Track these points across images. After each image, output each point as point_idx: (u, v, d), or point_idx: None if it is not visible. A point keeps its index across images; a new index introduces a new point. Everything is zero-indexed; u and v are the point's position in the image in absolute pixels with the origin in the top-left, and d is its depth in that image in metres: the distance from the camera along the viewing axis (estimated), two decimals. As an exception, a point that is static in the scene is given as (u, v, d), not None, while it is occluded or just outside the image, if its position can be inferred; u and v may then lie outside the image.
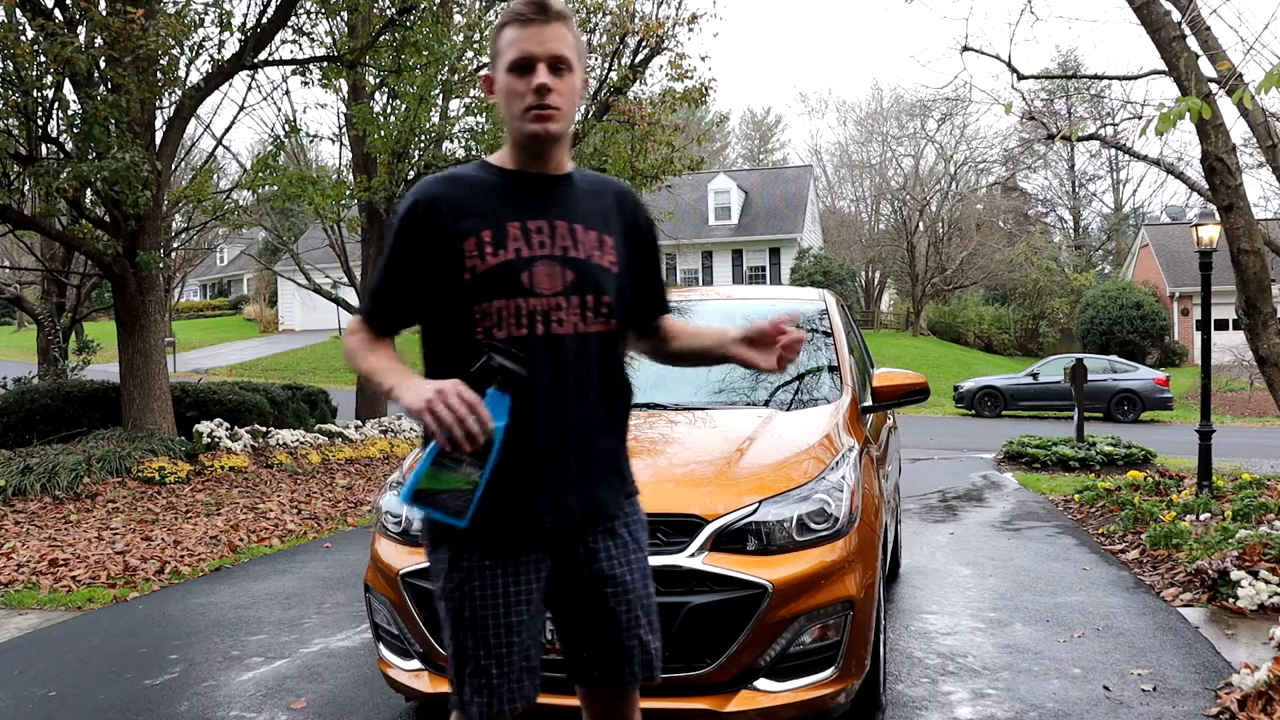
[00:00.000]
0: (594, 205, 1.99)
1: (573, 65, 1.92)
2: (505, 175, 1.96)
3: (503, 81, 1.91)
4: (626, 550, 1.99)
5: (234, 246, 44.68)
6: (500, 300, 1.86)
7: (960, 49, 8.85)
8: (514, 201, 1.93)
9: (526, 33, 1.88)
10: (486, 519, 1.86)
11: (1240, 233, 7.19)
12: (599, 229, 1.97)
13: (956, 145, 39.80)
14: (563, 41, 1.90)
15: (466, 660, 1.89)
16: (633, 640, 1.97)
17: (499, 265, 1.87)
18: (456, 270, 1.88)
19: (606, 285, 1.94)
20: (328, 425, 12.91)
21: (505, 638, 1.88)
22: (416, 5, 10.86)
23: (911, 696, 3.71)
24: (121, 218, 9.95)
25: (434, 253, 1.89)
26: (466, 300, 1.88)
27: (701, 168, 16.49)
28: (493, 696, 1.88)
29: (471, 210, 1.90)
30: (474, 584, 1.88)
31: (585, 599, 1.96)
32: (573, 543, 1.95)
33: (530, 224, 1.91)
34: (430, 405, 1.68)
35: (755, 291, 5.44)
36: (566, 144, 1.99)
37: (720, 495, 3.02)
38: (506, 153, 1.98)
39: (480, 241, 1.88)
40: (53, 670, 4.18)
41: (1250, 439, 17.31)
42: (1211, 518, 6.66)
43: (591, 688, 2.03)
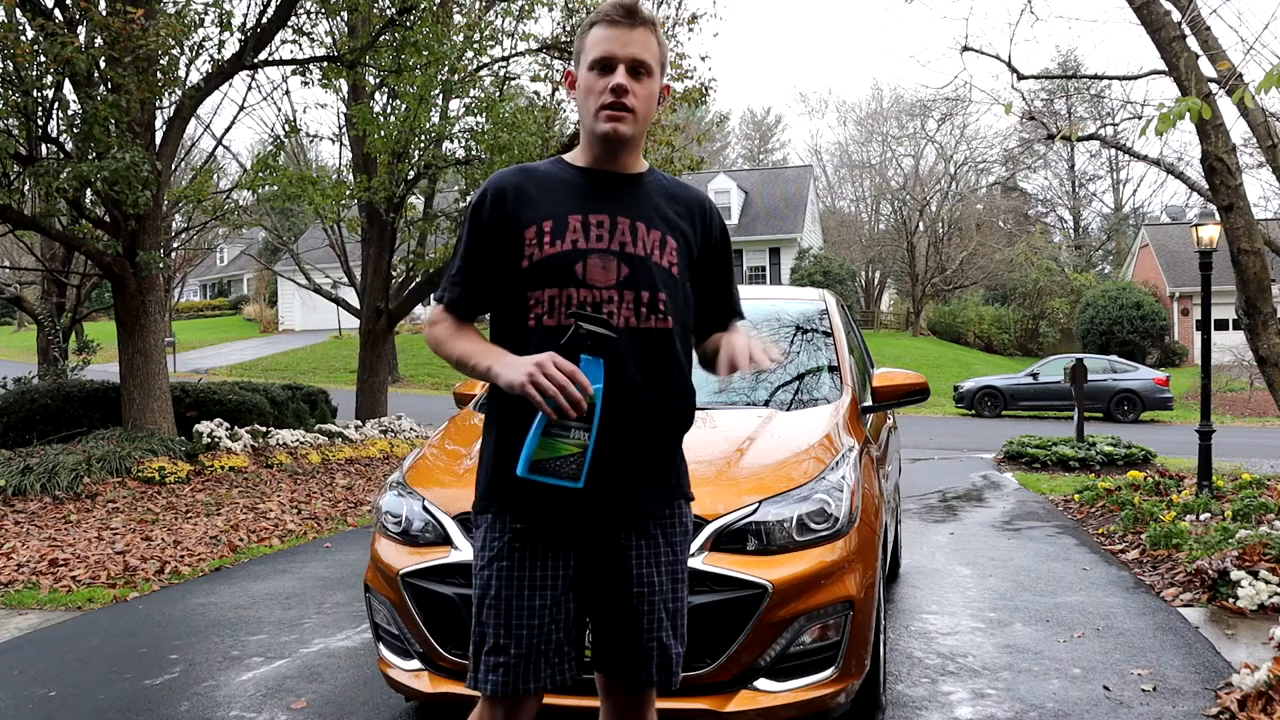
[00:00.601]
0: (665, 208, 2.03)
1: (653, 71, 1.97)
2: (576, 171, 2.02)
3: (583, 79, 1.97)
4: (657, 552, 2.00)
5: (234, 246, 44.70)
6: (552, 289, 1.92)
7: (960, 49, 8.85)
8: (579, 196, 1.98)
9: (612, 34, 1.94)
10: (520, 501, 1.92)
11: (1240, 233, 7.19)
12: (663, 230, 2.00)
13: (956, 145, 39.87)
14: (646, 47, 1.95)
15: (486, 637, 1.94)
16: (652, 642, 1.99)
17: (555, 255, 1.93)
18: (516, 257, 1.95)
19: (664, 284, 1.97)
20: (328, 425, 12.91)
21: (526, 620, 1.92)
22: (416, 5, 10.86)
23: (911, 696, 3.71)
24: (121, 218, 9.95)
25: (500, 240, 1.96)
26: (522, 287, 1.94)
27: (701, 168, 16.49)
28: (508, 675, 1.92)
29: (537, 201, 1.96)
30: (501, 564, 1.94)
31: (610, 596, 1.99)
32: (606, 537, 1.97)
33: (591, 218, 1.96)
34: (532, 378, 1.76)
35: (755, 291, 5.43)
36: (639, 146, 2.04)
37: (720, 495, 3.02)
38: (580, 149, 2.05)
39: (540, 231, 1.94)
40: (53, 670, 4.18)
41: (1250, 439, 17.31)
42: (1211, 518, 6.66)
43: (611, 681, 2.06)
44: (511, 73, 13.90)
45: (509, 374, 1.81)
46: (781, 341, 4.39)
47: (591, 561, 1.98)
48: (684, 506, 2.08)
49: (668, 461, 2.04)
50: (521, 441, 1.84)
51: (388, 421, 13.75)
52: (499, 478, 1.97)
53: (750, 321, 2.19)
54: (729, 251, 2.16)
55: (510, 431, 1.94)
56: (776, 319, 4.52)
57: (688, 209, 2.07)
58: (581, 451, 1.81)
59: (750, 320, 4.67)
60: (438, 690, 3.06)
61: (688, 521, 2.08)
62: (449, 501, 3.14)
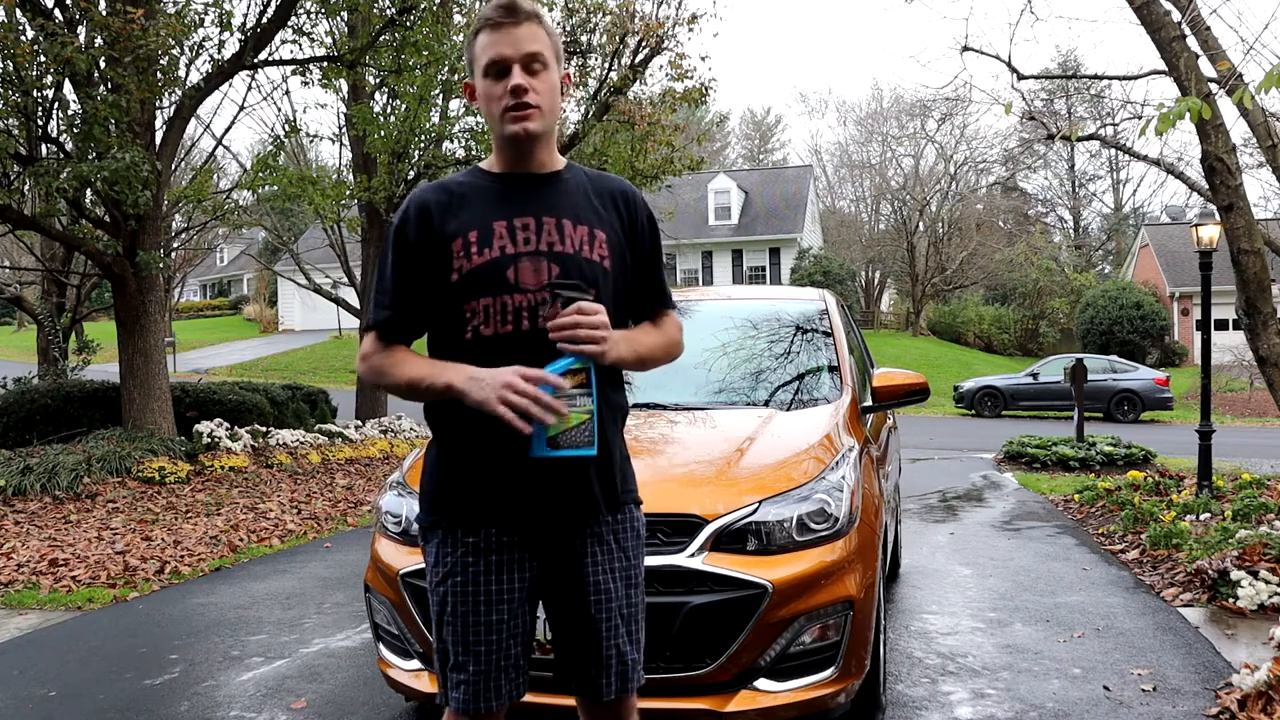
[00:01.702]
0: (588, 202, 2.00)
1: (548, 63, 1.93)
2: (493, 178, 2.00)
3: (481, 86, 1.94)
4: (612, 558, 1.98)
5: (234, 246, 44.69)
6: (486, 298, 1.89)
7: (960, 49, 8.85)
8: (501, 202, 1.95)
9: (498, 35, 1.90)
10: (470, 514, 1.91)
11: (1240, 233, 7.19)
12: (590, 224, 1.98)
13: (956, 145, 39.88)
14: (535, 40, 1.91)
15: (447, 654, 1.94)
16: (610, 650, 1.97)
17: (484, 264, 1.90)
18: (445, 271, 1.91)
19: (595, 279, 1.94)
20: (328, 425, 12.91)
21: (484, 635, 1.91)
22: (416, 5, 10.86)
23: (911, 696, 3.71)
24: (121, 218, 9.95)
25: (427, 255, 1.92)
26: (456, 300, 1.91)
27: (701, 168, 16.50)
28: (469, 692, 1.91)
29: (459, 213, 1.93)
30: (455, 579, 1.92)
31: (567, 604, 1.98)
32: (559, 545, 1.95)
33: (516, 221, 1.93)
34: (503, 400, 1.76)
35: (755, 291, 5.44)
36: (551, 141, 2.00)
37: (720, 495, 3.01)
38: (495, 157, 2.02)
39: (467, 242, 1.91)
40: (53, 670, 4.18)
41: (1250, 439, 17.31)
42: (1211, 518, 6.66)
43: (577, 694, 2.05)
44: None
45: (477, 392, 1.79)
46: (782, 341, 4.39)
47: (547, 572, 1.97)
48: (634, 510, 2.05)
49: (613, 463, 2.00)
50: (467, 450, 1.89)
51: (388, 421, 13.75)
52: (445, 491, 1.95)
53: (750, 322, 2.19)
54: (658, 239, 2.13)
55: (453, 442, 1.94)
56: (776, 319, 4.52)
57: (612, 199, 2.04)
58: (590, 417, 1.83)
59: (749, 320, 4.69)
60: (437, 690, 3.06)
61: (640, 526, 2.06)
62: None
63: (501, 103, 1.90)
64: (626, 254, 2.03)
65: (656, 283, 2.11)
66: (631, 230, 2.05)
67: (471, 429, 1.89)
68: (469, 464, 1.93)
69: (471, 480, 1.92)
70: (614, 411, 2.00)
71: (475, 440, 1.90)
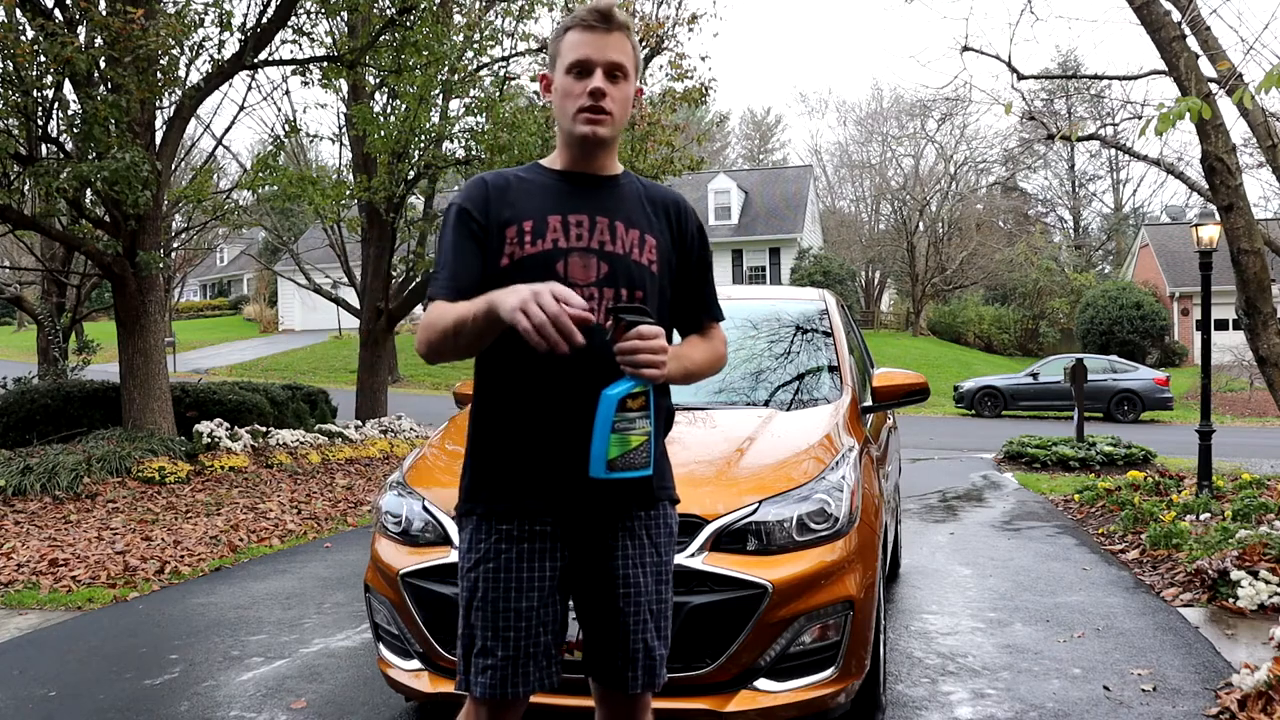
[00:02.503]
0: (641, 208, 2.06)
1: (629, 74, 1.99)
2: (554, 174, 2.04)
3: (560, 82, 1.98)
4: (643, 552, 2.01)
5: (234, 246, 44.71)
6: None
7: (960, 49, 8.85)
8: (558, 197, 2.00)
9: (588, 38, 1.95)
10: (505, 500, 1.94)
11: (1240, 233, 7.19)
12: (642, 228, 2.03)
13: (956, 145, 39.87)
14: (621, 50, 1.97)
15: (473, 640, 1.96)
16: (638, 644, 1.99)
17: (536, 254, 1.95)
18: (496, 256, 1.95)
19: (642, 282, 1.99)
20: (328, 425, 12.91)
21: (514, 621, 1.93)
22: (416, 5, 10.86)
23: (911, 696, 3.71)
24: (121, 218, 9.95)
25: (483, 238, 1.96)
26: (504, 285, 1.90)
27: (701, 168, 16.49)
28: (496, 677, 1.92)
29: (517, 202, 1.98)
30: (488, 565, 1.95)
31: (597, 596, 2.00)
32: (592, 537, 1.98)
33: (570, 217, 1.98)
34: (523, 307, 1.69)
35: (755, 291, 5.44)
36: (614, 147, 2.06)
37: (720, 495, 3.01)
38: (556, 153, 2.07)
39: (521, 230, 1.95)
40: (53, 670, 4.18)
41: (1250, 439, 17.31)
42: (1211, 518, 6.66)
43: (599, 686, 2.06)
44: (511, 73, 13.91)
45: (507, 303, 1.73)
46: (782, 341, 4.39)
47: (578, 563, 1.99)
48: (668, 508, 2.08)
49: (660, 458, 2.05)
50: (509, 437, 1.93)
51: (388, 421, 13.75)
52: (482, 478, 1.99)
53: (750, 322, 2.20)
54: (707, 251, 2.18)
55: (495, 428, 1.97)
56: (776, 319, 4.52)
57: (664, 208, 2.10)
58: (647, 439, 1.83)
59: (749, 320, 4.68)
60: (438, 690, 3.06)
61: (673, 523, 2.08)
62: (449, 501, 3.13)
63: (578, 102, 1.95)
64: (674, 261, 2.08)
65: (706, 294, 2.16)
66: (681, 240, 2.11)
67: (517, 415, 1.93)
68: (509, 451, 1.95)
69: (510, 467, 1.95)
70: (662, 415, 2.04)
71: (519, 426, 1.94)
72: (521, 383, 1.94)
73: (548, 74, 2.03)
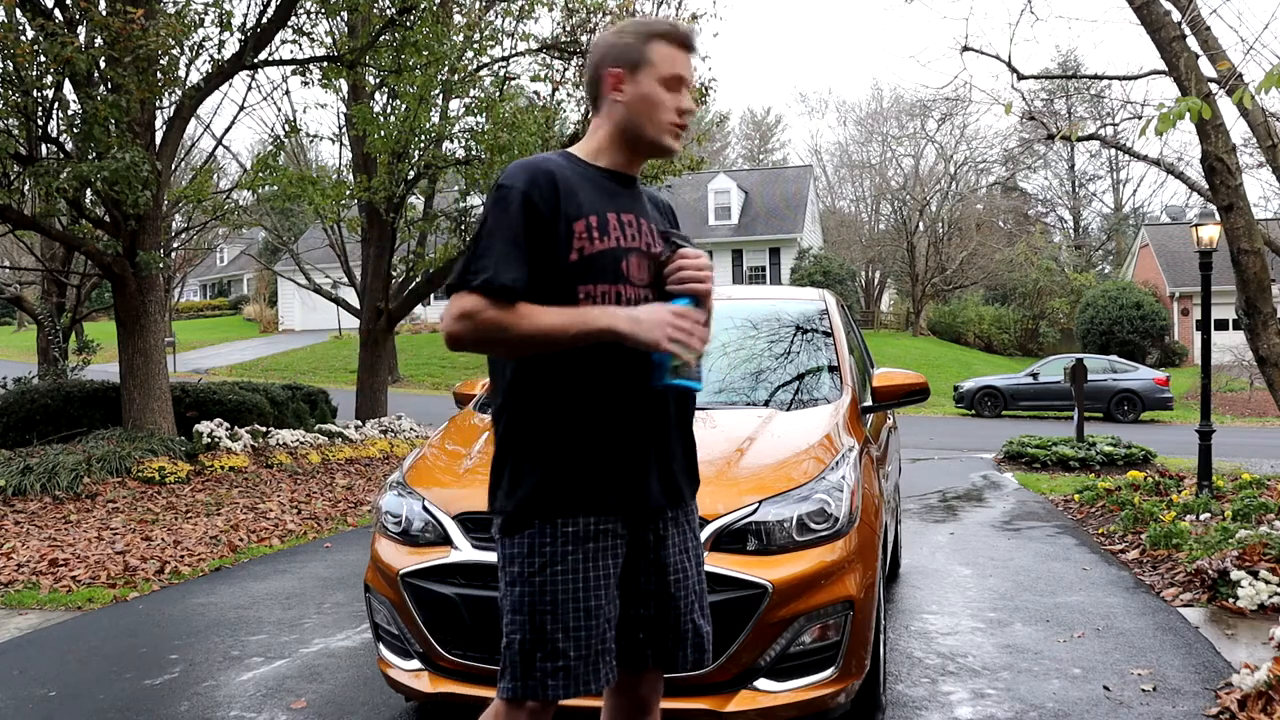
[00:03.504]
0: (654, 209, 2.16)
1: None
2: (598, 170, 2.06)
3: (649, 90, 2.02)
4: (687, 539, 2.12)
5: (234, 246, 44.70)
6: (605, 284, 1.96)
7: (960, 49, 8.85)
8: (608, 195, 2.03)
9: (682, 57, 2.05)
10: (578, 500, 1.95)
11: (1240, 233, 7.19)
12: (658, 229, 2.13)
13: (956, 145, 39.86)
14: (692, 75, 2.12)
15: (544, 643, 1.93)
16: (687, 625, 2.08)
17: (604, 250, 1.97)
18: (565, 250, 1.94)
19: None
20: (328, 425, 12.90)
21: (585, 621, 1.94)
22: (416, 5, 10.85)
23: (911, 696, 3.71)
24: (121, 218, 9.95)
25: (551, 229, 1.94)
26: (571, 280, 1.94)
27: (701, 168, 16.50)
28: (569, 679, 1.94)
29: (578, 196, 1.98)
30: (556, 568, 1.94)
31: (649, 584, 2.06)
32: (646, 529, 2.05)
33: (624, 216, 2.03)
34: (672, 337, 1.88)
35: (755, 291, 5.43)
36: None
37: (720, 495, 3.01)
38: (598, 148, 2.08)
39: (589, 225, 1.97)
40: (53, 670, 4.18)
41: (1250, 439, 17.31)
42: (1211, 518, 6.66)
43: (637, 672, 2.10)
44: (511, 73, 13.91)
45: (645, 333, 1.88)
46: (782, 341, 4.38)
47: (632, 555, 2.04)
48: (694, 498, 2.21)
49: (692, 451, 2.16)
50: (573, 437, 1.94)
51: (388, 421, 13.75)
52: (550, 481, 1.95)
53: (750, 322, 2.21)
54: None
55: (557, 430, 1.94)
56: (776, 319, 4.52)
57: (664, 210, 2.21)
58: (700, 356, 1.96)
59: (749, 320, 4.68)
60: (438, 690, 3.06)
61: (697, 510, 2.21)
62: (449, 501, 3.14)
63: (668, 115, 2.03)
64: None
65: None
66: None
67: (589, 416, 1.95)
68: (582, 452, 1.95)
69: (584, 468, 1.95)
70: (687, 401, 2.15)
71: (592, 426, 1.95)
72: (592, 385, 1.95)
73: (621, 72, 2.02)
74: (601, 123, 2.07)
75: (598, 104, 2.07)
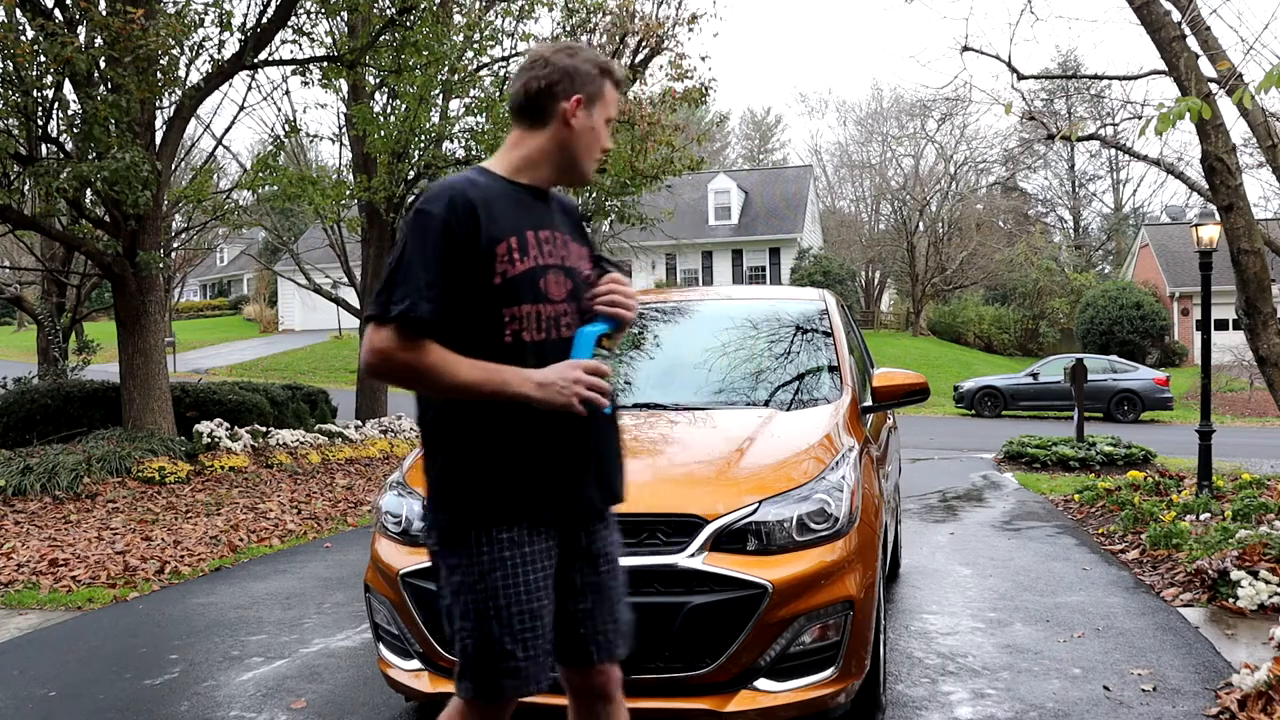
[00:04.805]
0: (567, 219, 2.16)
1: None
2: (515, 186, 2.06)
3: (598, 124, 2.09)
4: (611, 530, 2.17)
5: (234, 246, 44.67)
6: (528, 305, 1.98)
7: (960, 49, 8.85)
8: (526, 211, 2.04)
9: (617, 99, 2.15)
10: (513, 509, 1.98)
11: (1240, 233, 7.19)
12: (578, 241, 2.14)
13: (956, 145, 39.85)
14: None
15: (493, 647, 1.97)
16: (619, 612, 2.16)
17: (526, 271, 1.99)
18: (488, 274, 1.96)
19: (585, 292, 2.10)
20: (328, 425, 12.90)
21: (530, 623, 1.99)
22: (416, 5, 10.85)
23: (911, 696, 3.71)
24: (121, 218, 9.95)
25: (474, 254, 1.95)
26: (495, 303, 1.97)
27: (701, 168, 16.49)
28: (520, 678, 1.99)
29: (498, 217, 1.99)
30: (496, 574, 1.98)
31: (585, 577, 2.11)
32: (578, 528, 2.09)
33: (541, 233, 2.04)
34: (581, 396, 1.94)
35: (755, 291, 5.44)
36: None
37: (720, 495, 3.01)
38: (524, 165, 2.08)
39: (510, 247, 1.98)
40: (53, 670, 4.18)
41: (1250, 439, 17.31)
42: (1211, 518, 6.66)
43: (587, 666, 2.13)
44: (511, 73, 13.90)
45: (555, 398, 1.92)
46: (782, 341, 4.39)
47: (564, 554, 2.08)
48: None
49: (621, 454, 2.17)
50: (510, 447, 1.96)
51: (388, 421, 13.75)
52: (485, 491, 1.98)
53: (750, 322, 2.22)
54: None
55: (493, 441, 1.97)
56: (776, 319, 4.52)
57: (572, 216, 2.21)
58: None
59: (749, 320, 4.68)
60: (438, 690, 3.06)
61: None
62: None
63: (599, 151, 2.11)
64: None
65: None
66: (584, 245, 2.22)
67: (525, 428, 1.97)
68: (518, 461, 1.98)
69: (519, 476, 1.98)
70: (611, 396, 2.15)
71: (529, 437, 1.98)
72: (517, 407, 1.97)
73: (581, 99, 2.05)
74: (537, 140, 2.06)
75: (539, 119, 2.05)
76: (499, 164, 2.07)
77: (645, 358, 4.36)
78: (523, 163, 2.07)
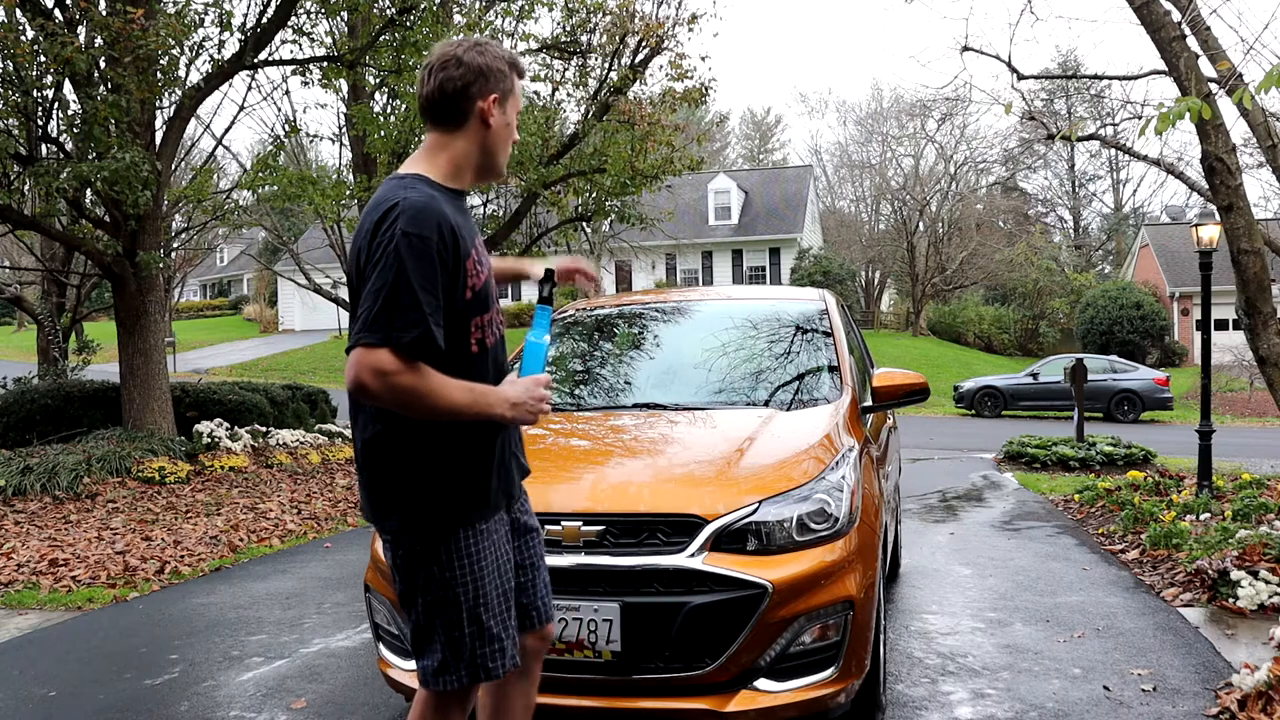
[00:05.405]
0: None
1: None
2: (452, 194, 2.09)
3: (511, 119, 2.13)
4: (528, 501, 2.37)
5: (234, 246, 44.69)
6: (487, 313, 2.09)
7: (960, 49, 8.85)
8: (466, 219, 2.11)
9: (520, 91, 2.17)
10: (482, 506, 2.10)
11: (1240, 233, 7.18)
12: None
13: (956, 145, 39.82)
14: None
15: (483, 633, 2.07)
16: (548, 575, 2.38)
17: (485, 281, 2.09)
18: (461, 289, 2.02)
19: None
20: (328, 425, 12.90)
21: (505, 603, 2.14)
22: (416, 5, 10.85)
23: (911, 696, 3.71)
24: (121, 218, 9.95)
25: (453, 272, 2.00)
26: (465, 316, 2.04)
27: (701, 168, 16.47)
28: (505, 656, 2.13)
29: (462, 231, 2.04)
30: (478, 566, 2.08)
31: (524, 549, 2.30)
32: (512, 507, 2.27)
33: (478, 240, 2.12)
34: (539, 412, 2.07)
35: (755, 291, 5.43)
36: None
37: (720, 495, 3.01)
38: (456, 170, 2.10)
39: (475, 260, 2.05)
40: (53, 670, 4.18)
41: (1250, 439, 17.31)
42: (1211, 518, 6.66)
43: (531, 629, 2.32)
44: (511, 73, 13.88)
45: (525, 417, 2.06)
46: (782, 341, 4.38)
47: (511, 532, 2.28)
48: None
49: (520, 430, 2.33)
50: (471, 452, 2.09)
51: (388, 421, 13.72)
52: (460, 494, 2.07)
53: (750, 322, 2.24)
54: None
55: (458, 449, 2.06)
56: (776, 319, 4.51)
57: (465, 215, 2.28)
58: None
59: (749, 320, 4.68)
60: (438, 690, 3.06)
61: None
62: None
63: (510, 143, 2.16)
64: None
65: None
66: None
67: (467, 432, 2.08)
68: (481, 464, 2.11)
69: (486, 477, 2.12)
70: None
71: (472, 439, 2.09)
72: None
73: (495, 98, 2.08)
74: (459, 142, 2.07)
75: (456, 120, 2.05)
76: (433, 172, 2.07)
77: (645, 358, 4.36)
78: (452, 168, 2.09)
